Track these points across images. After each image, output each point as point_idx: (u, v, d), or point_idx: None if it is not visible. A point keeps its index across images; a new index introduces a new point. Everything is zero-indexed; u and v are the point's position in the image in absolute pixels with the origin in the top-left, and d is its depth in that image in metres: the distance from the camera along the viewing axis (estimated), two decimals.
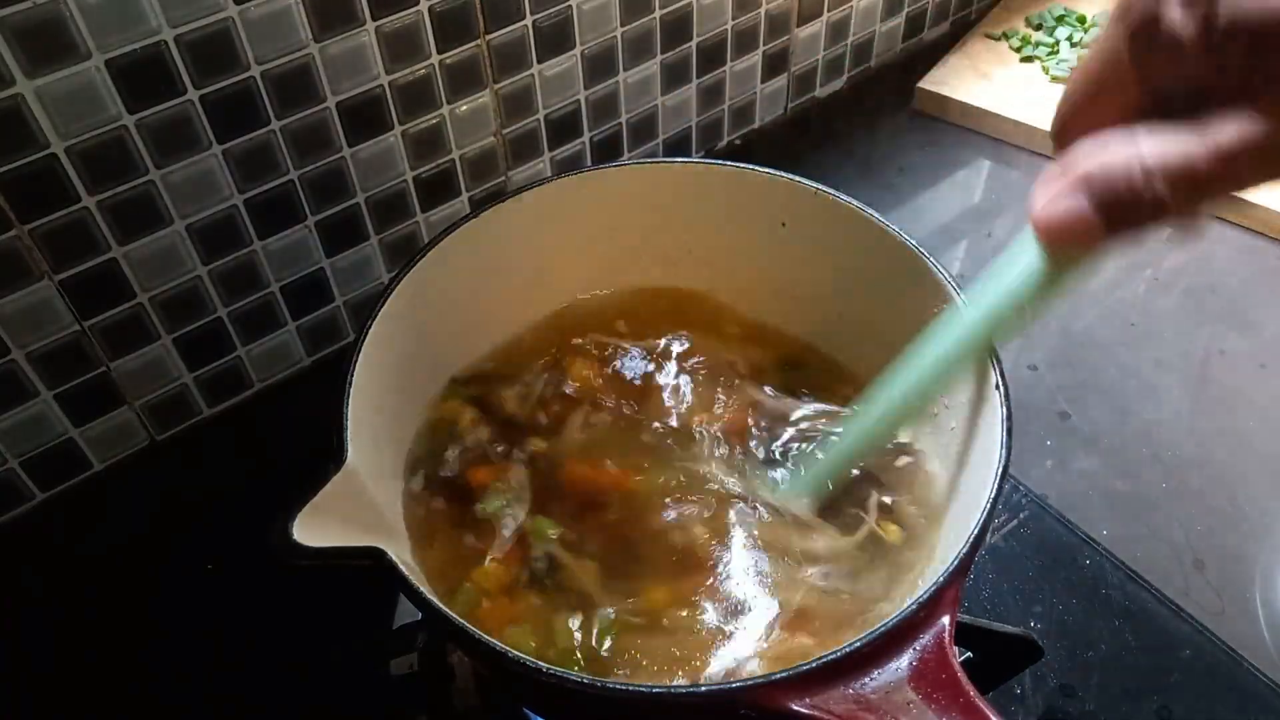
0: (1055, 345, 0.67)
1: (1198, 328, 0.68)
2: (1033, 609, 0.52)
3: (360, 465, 0.38)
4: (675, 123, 0.76)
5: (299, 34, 0.52)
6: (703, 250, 0.54)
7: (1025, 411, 0.63)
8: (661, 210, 0.52)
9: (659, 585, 0.42)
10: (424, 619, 0.37)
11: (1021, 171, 0.81)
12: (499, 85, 0.63)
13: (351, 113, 0.57)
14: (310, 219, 0.59)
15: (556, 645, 0.40)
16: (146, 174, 0.51)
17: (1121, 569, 0.54)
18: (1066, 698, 0.49)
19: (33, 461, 0.56)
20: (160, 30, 0.47)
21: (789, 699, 0.31)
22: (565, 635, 0.40)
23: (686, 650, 0.40)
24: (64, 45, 0.45)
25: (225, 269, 0.57)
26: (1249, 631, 0.51)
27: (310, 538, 0.33)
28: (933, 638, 0.33)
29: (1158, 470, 0.59)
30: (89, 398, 0.56)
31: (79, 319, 0.53)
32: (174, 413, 0.61)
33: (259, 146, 0.54)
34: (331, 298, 0.64)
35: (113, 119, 0.48)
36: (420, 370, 0.49)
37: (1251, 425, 0.62)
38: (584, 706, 0.35)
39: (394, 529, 0.42)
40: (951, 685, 0.32)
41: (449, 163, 0.64)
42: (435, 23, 0.57)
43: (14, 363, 0.52)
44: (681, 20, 0.70)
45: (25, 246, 0.49)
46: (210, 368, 0.61)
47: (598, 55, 0.66)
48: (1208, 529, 0.56)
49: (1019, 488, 0.58)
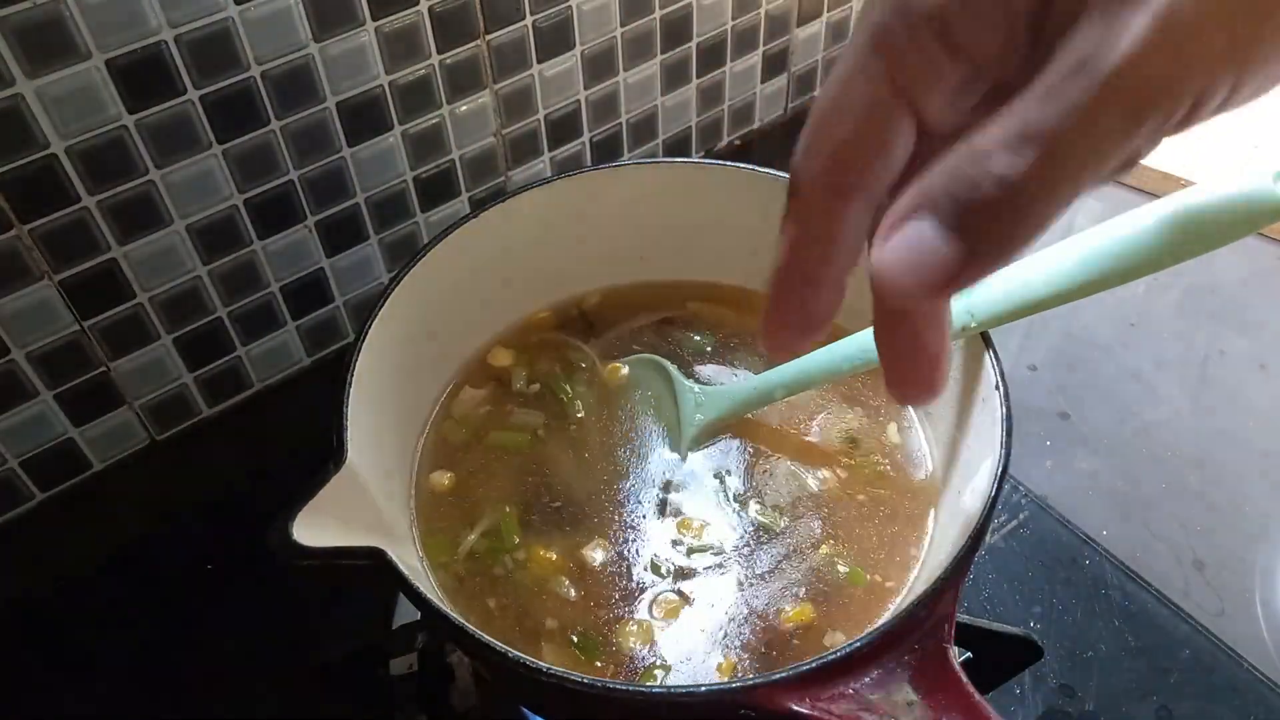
0: (1055, 345, 0.67)
1: (1197, 328, 0.68)
2: (1033, 609, 0.52)
3: (360, 465, 0.38)
4: (675, 123, 0.76)
5: (299, 34, 0.52)
6: (703, 250, 0.54)
7: (1025, 411, 0.63)
8: (661, 210, 0.52)
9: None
10: (424, 619, 0.37)
11: None
12: (499, 85, 0.63)
13: (351, 113, 0.57)
14: (310, 219, 0.59)
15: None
16: (146, 174, 0.51)
17: (1121, 569, 0.54)
18: (1066, 698, 0.49)
19: (33, 461, 0.56)
20: (160, 30, 0.47)
21: (789, 699, 0.31)
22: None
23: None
24: (64, 45, 0.45)
25: (225, 269, 0.57)
26: (1249, 631, 0.51)
27: (310, 538, 0.33)
28: (932, 638, 0.33)
29: (1158, 470, 0.59)
30: (89, 398, 0.56)
31: (79, 319, 0.53)
32: (174, 413, 0.61)
33: (259, 146, 0.54)
34: (331, 298, 0.64)
35: (113, 119, 0.48)
36: (420, 370, 0.49)
37: (1251, 425, 0.62)
38: (583, 706, 0.35)
39: (394, 529, 0.43)
40: (951, 685, 0.32)
41: (449, 163, 0.64)
42: (435, 23, 0.57)
43: (14, 363, 0.52)
44: (681, 20, 0.70)
45: (25, 246, 0.49)
46: (210, 368, 0.61)
47: (598, 55, 0.66)
48: (1208, 529, 0.56)
49: (1019, 488, 0.58)
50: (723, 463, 0.48)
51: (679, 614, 0.42)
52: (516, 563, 0.44)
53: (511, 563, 0.44)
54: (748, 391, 0.48)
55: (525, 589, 0.43)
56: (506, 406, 0.50)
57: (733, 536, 0.44)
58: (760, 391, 0.47)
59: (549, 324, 0.55)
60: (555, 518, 0.46)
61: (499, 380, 0.52)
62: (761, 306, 0.27)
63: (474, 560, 0.44)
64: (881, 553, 0.44)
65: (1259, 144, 0.81)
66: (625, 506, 0.46)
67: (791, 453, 0.48)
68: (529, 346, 0.53)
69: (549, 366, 0.52)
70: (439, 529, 0.45)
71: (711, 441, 0.48)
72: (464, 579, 0.43)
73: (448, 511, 0.46)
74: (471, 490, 0.47)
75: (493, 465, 0.48)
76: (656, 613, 0.42)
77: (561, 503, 0.46)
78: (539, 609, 0.42)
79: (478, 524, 0.45)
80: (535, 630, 0.42)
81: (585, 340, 0.53)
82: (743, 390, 0.48)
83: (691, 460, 0.48)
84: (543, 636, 0.41)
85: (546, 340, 0.54)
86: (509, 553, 0.44)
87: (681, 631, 0.41)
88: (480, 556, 0.44)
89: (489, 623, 0.42)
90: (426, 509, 0.46)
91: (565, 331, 0.54)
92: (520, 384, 0.51)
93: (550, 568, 0.43)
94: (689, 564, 0.43)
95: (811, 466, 0.47)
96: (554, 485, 0.47)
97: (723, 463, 0.48)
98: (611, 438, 0.49)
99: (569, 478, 0.47)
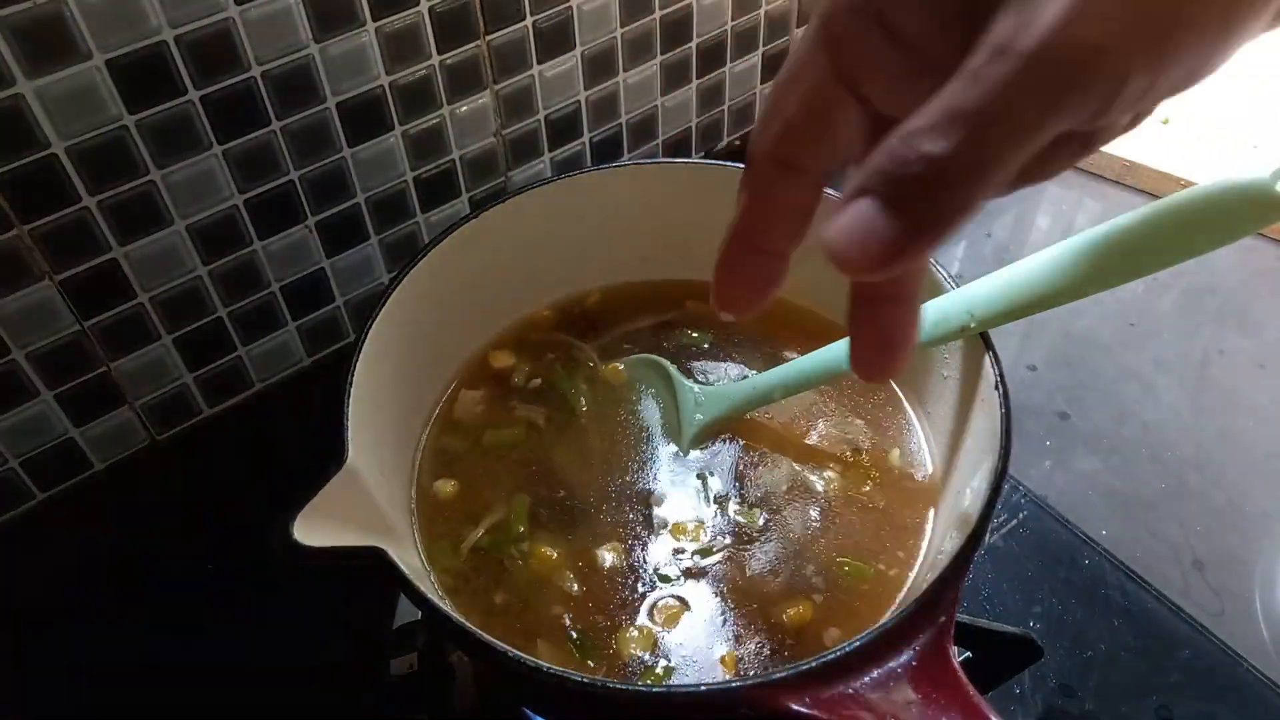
0: (1055, 345, 0.67)
1: (1197, 328, 0.68)
2: (1032, 609, 0.52)
3: (361, 465, 0.38)
4: (675, 123, 0.76)
5: (299, 34, 0.52)
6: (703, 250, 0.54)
7: (1025, 411, 0.63)
8: (661, 210, 0.52)
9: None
10: (424, 619, 0.37)
11: None
12: (499, 86, 0.63)
13: (352, 113, 0.57)
14: (310, 219, 0.59)
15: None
16: (147, 174, 0.51)
17: (1121, 569, 0.54)
18: (1066, 698, 0.49)
19: (33, 461, 0.56)
20: (161, 30, 0.47)
21: (789, 699, 0.31)
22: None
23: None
24: (64, 45, 0.45)
25: (225, 269, 0.57)
26: (1249, 631, 0.51)
27: (310, 537, 0.33)
28: (932, 637, 0.33)
29: (1157, 470, 0.59)
30: (89, 398, 0.56)
31: (79, 319, 0.53)
32: (174, 413, 0.61)
33: (259, 147, 0.54)
34: (332, 298, 0.64)
35: (113, 119, 0.48)
36: (421, 370, 0.49)
37: (1251, 425, 0.62)
38: (583, 706, 0.35)
39: (394, 529, 0.43)
40: (951, 685, 0.32)
41: (449, 163, 0.64)
42: (435, 23, 0.57)
43: (14, 363, 0.52)
44: (681, 21, 0.70)
45: (25, 246, 0.49)
46: (210, 368, 0.61)
47: (598, 56, 0.66)
48: (1207, 529, 0.56)
49: (1018, 488, 0.58)
50: (723, 463, 0.48)
51: (679, 619, 0.42)
52: (521, 554, 0.44)
53: (517, 554, 0.44)
54: (747, 391, 0.48)
55: (528, 588, 0.43)
56: (508, 403, 0.50)
57: (733, 537, 0.44)
58: (760, 391, 0.47)
59: (549, 324, 0.55)
60: (557, 518, 0.46)
61: (500, 380, 0.52)
62: (714, 271, 0.30)
63: (477, 556, 0.44)
64: (881, 552, 0.44)
65: (1259, 144, 0.81)
66: (625, 506, 0.46)
67: (792, 453, 0.48)
68: (529, 346, 0.53)
69: (550, 365, 0.52)
70: (441, 533, 0.45)
71: (711, 441, 0.48)
72: (467, 577, 0.43)
73: (450, 511, 0.46)
74: (475, 488, 0.47)
75: (494, 465, 0.48)
76: (658, 618, 0.42)
77: (563, 503, 0.46)
78: (541, 608, 0.42)
79: (484, 519, 0.45)
80: (536, 629, 0.42)
81: (585, 340, 0.53)
82: (742, 390, 0.48)
83: (692, 460, 0.48)
84: (543, 636, 0.41)
85: (547, 340, 0.54)
86: (515, 544, 0.44)
87: (682, 632, 0.41)
88: (485, 551, 0.44)
89: (490, 622, 0.42)
90: (428, 508, 0.46)
91: (566, 331, 0.54)
92: (520, 379, 0.51)
93: (551, 566, 0.43)
94: (689, 564, 0.43)
95: (812, 466, 0.47)
96: (555, 486, 0.47)
97: (723, 463, 0.48)
98: (612, 437, 0.49)
99: (570, 477, 0.47)
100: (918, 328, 0.30)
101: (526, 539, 0.44)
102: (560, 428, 0.49)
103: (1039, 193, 0.80)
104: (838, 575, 0.43)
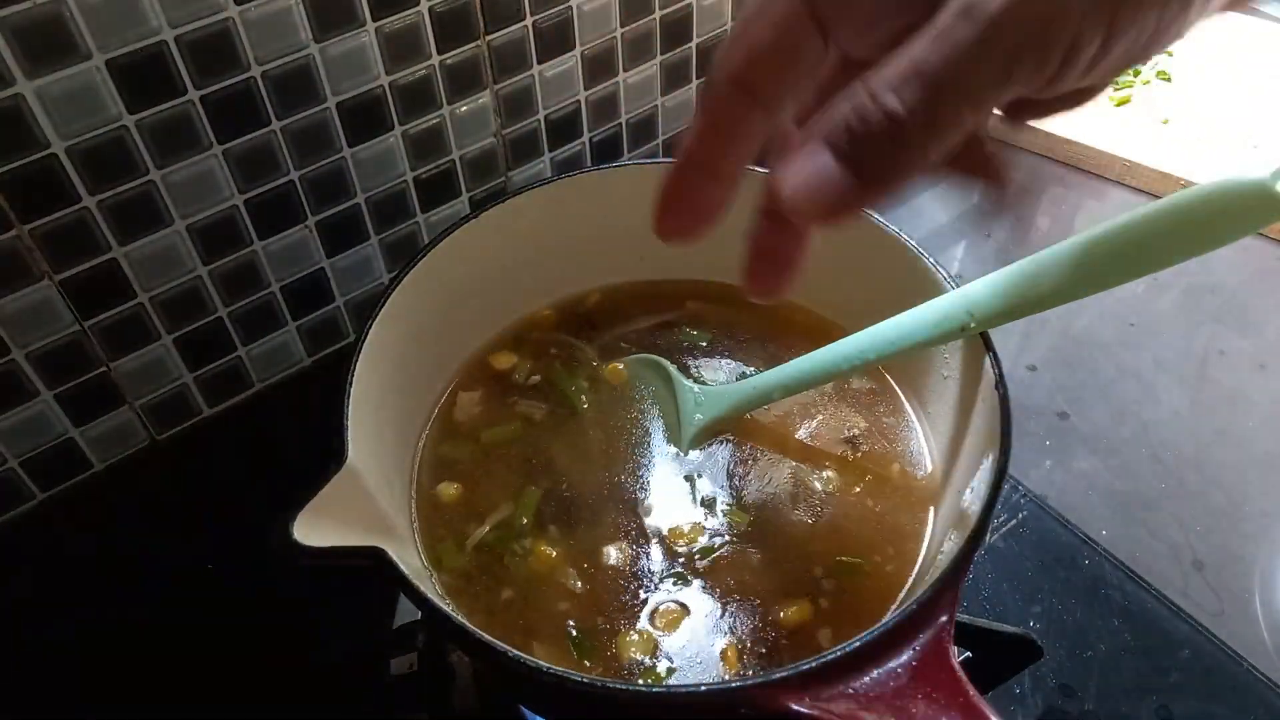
0: (1054, 345, 0.67)
1: (1197, 328, 0.68)
2: (1032, 609, 0.52)
3: (361, 465, 0.38)
4: (675, 123, 0.76)
5: (299, 34, 0.52)
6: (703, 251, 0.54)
7: (1025, 411, 0.63)
8: None
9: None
10: (424, 619, 0.37)
11: (1023, 173, 0.81)
12: (499, 86, 0.63)
13: (352, 113, 0.57)
14: (310, 219, 0.59)
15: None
16: (147, 174, 0.51)
17: (1121, 569, 0.54)
18: (1066, 698, 0.49)
19: (33, 461, 0.56)
20: (160, 30, 0.47)
21: (789, 699, 0.31)
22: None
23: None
24: (64, 45, 0.45)
25: (225, 269, 0.57)
26: (1249, 631, 0.51)
27: (310, 537, 0.33)
28: (932, 637, 0.33)
29: (1157, 470, 0.59)
30: (89, 398, 0.56)
31: (79, 319, 0.53)
32: (174, 413, 0.61)
33: (259, 147, 0.54)
34: (332, 298, 0.64)
35: (113, 119, 0.48)
36: (421, 370, 0.49)
37: (1251, 425, 0.62)
38: (583, 706, 0.35)
39: (394, 529, 0.43)
40: (951, 685, 0.32)
41: (449, 163, 0.64)
42: (435, 23, 0.57)
43: (14, 363, 0.52)
44: (681, 21, 0.70)
45: (25, 246, 0.49)
46: (210, 368, 0.61)
47: (598, 56, 0.66)
48: (1207, 529, 0.56)
49: (1018, 488, 0.58)
50: (723, 463, 0.48)
51: (680, 621, 0.42)
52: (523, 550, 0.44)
53: (519, 550, 0.44)
54: (747, 391, 0.48)
55: (528, 586, 0.43)
56: (508, 400, 0.50)
57: (732, 536, 0.44)
58: (760, 391, 0.47)
59: (549, 323, 0.55)
60: (558, 516, 0.46)
61: (500, 380, 0.52)
62: (656, 193, 0.30)
63: (479, 555, 0.44)
64: (881, 552, 0.44)
65: (1259, 144, 0.81)
66: (625, 505, 0.46)
67: (792, 453, 0.48)
68: (530, 346, 0.53)
69: (550, 365, 0.52)
70: (442, 533, 0.45)
71: (711, 441, 0.48)
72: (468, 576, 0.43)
73: (452, 511, 0.46)
74: (477, 487, 0.47)
75: (495, 463, 0.48)
76: (658, 621, 0.42)
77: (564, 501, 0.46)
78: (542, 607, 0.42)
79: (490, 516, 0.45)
80: (536, 629, 0.42)
81: (586, 340, 0.53)
82: (742, 390, 0.48)
83: (692, 460, 0.48)
84: (543, 636, 0.41)
85: (547, 340, 0.54)
86: (517, 540, 0.44)
87: (682, 632, 0.41)
88: (488, 548, 0.44)
89: (491, 622, 0.42)
90: (428, 508, 0.46)
91: (566, 331, 0.54)
92: (520, 377, 0.51)
93: (552, 564, 0.43)
94: (690, 564, 0.43)
95: (812, 467, 0.47)
96: (556, 483, 0.47)
97: (723, 463, 0.48)
98: (612, 437, 0.49)
99: (571, 476, 0.47)
100: (808, 254, 0.31)
101: (529, 534, 0.44)
102: (560, 426, 0.49)
103: (1039, 193, 0.80)
104: (838, 575, 0.43)
